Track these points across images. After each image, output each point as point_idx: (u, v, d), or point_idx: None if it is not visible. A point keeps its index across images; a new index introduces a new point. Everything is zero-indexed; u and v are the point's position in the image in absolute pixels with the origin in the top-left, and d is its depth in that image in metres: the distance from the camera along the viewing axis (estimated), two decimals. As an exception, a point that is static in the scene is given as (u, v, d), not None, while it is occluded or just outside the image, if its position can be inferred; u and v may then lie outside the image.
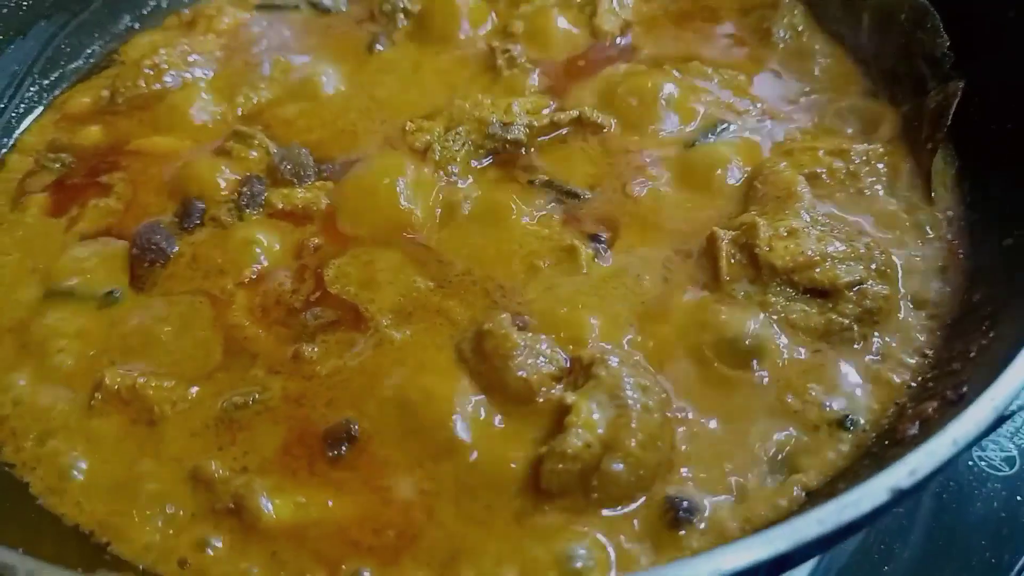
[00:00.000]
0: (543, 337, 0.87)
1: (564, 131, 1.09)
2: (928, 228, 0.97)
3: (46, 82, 1.20)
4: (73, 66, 1.23)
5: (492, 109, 1.09)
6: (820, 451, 0.81)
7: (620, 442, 0.78)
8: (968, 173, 1.01)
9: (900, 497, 0.58)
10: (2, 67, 1.15)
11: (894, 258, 0.93)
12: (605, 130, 1.10)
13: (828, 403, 0.84)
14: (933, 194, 1.00)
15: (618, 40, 1.24)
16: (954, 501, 0.99)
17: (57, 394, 0.88)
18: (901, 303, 0.91)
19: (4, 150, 1.14)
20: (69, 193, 1.07)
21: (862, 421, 0.83)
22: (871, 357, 0.87)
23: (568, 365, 0.85)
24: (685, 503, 0.77)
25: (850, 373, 0.86)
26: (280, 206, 1.03)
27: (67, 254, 1.00)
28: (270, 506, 0.78)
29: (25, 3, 1.17)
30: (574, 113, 1.10)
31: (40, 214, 1.06)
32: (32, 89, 1.18)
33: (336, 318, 0.92)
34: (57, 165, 1.10)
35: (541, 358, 0.85)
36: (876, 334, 0.88)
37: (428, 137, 1.08)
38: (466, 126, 1.08)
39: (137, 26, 1.29)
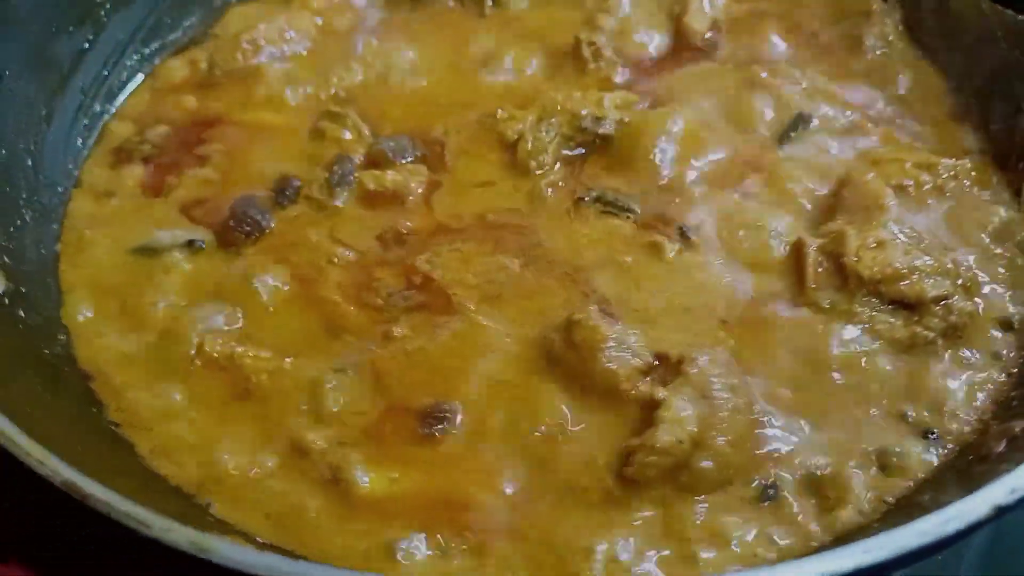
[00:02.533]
0: (631, 331, 0.89)
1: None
2: (1016, 247, 0.98)
3: (147, 51, 1.23)
4: (172, 37, 1.25)
5: (584, 102, 1.11)
6: (902, 462, 0.82)
7: (710, 440, 0.80)
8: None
9: (1000, 514, 0.60)
10: (109, 35, 1.17)
11: (979, 275, 0.94)
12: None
13: (910, 414, 0.85)
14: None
15: (707, 36, 1.24)
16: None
17: (156, 353, 0.92)
18: (986, 320, 0.92)
19: (107, 116, 1.17)
20: (167, 163, 1.10)
21: (945, 435, 0.84)
22: (955, 372, 0.88)
23: (655, 360, 0.87)
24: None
25: (934, 387, 0.87)
26: (371, 187, 1.05)
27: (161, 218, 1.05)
28: (366, 479, 0.81)
29: (129, -26, 1.19)
30: (665, 110, 1.11)
31: (137, 183, 1.09)
32: (134, 58, 1.21)
33: (425, 300, 0.95)
34: (153, 136, 1.13)
35: (629, 352, 0.87)
36: (961, 349, 0.89)
37: (520, 126, 1.10)
38: (558, 118, 1.10)
39: (234, 0, 1.31)
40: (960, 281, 0.92)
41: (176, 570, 0.67)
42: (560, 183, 1.06)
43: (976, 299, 0.92)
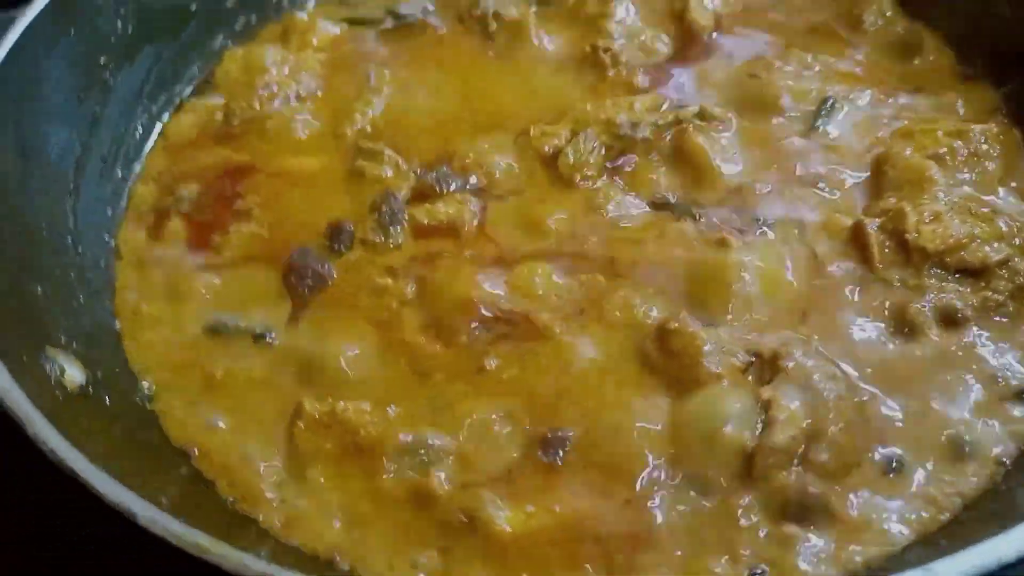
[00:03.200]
0: (723, 332, 0.91)
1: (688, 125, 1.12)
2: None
3: (155, 108, 1.19)
4: (177, 89, 1.22)
5: (615, 110, 1.12)
6: (1006, 425, 0.86)
7: (822, 432, 0.83)
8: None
9: None
10: (117, 96, 1.13)
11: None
12: (725, 123, 1.13)
13: (1000, 377, 0.89)
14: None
15: (713, 35, 1.27)
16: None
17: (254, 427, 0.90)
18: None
19: (130, 182, 1.13)
20: (206, 223, 1.07)
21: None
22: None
23: (751, 358, 0.89)
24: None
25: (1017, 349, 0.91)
26: (425, 221, 1.04)
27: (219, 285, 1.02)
28: (502, 516, 0.81)
29: (130, 28, 1.16)
30: (695, 108, 1.13)
31: (182, 246, 1.06)
32: (144, 116, 1.18)
33: (508, 330, 0.95)
34: (186, 195, 1.10)
35: (727, 353, 0.89)
36: (1030, 309, 0.94)
37: (556, 141, 1.11)
38: (595, 128, 1.10)
39: (231, 44, 1.28)
40: (1017, 241, 0.96)
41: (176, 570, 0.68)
42: (611, 191, 1.07)
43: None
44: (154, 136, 1.18)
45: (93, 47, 1.11)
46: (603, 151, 1.10)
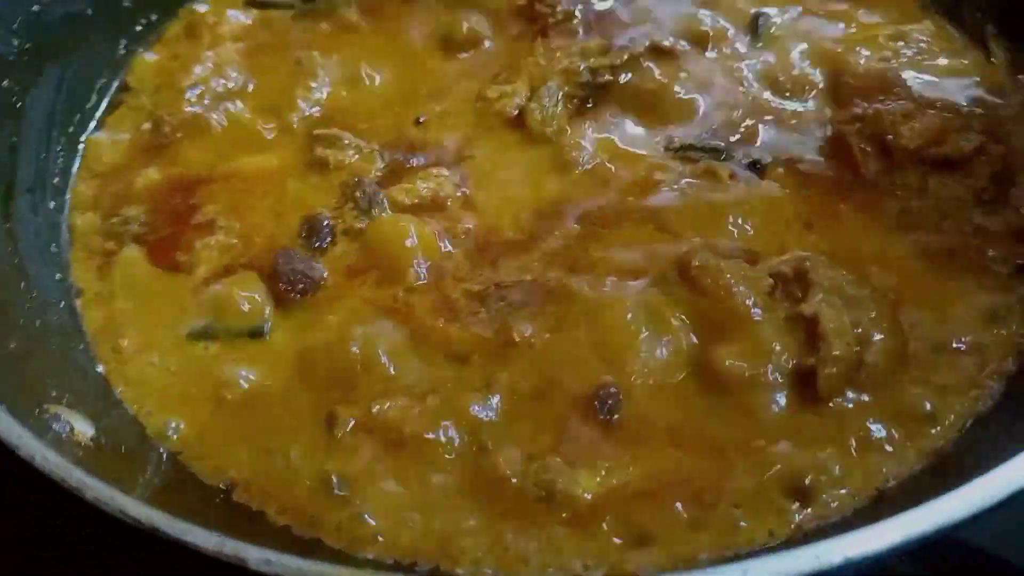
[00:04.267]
0: (739, 259, 0.90)
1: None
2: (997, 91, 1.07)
3: (71, 129, 1.08)
4: (89, 105, 1.11)
5: (569, 59, 1.09)
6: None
7: (870, 334, 0.84)
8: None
9: None
10: (30, 122, 1.02)
11: (994, 113, 1.02)
12: (678, 54, 1.12)
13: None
14: (993, 58, 1.10)
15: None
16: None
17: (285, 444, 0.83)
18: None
19: (65, 212, 1.02)
20: (165, 242, 0.98)
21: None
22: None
23: (772, 280, 0.89)
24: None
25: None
26: (406, 201, 0.99)
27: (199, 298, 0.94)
28: (578, 483, 0.78)
29: (27, 45, 1.04)
30: (646, 42, 1.12)
31: (144, 269, 0.97)
32: (63, 139, 1.06)
33: (525, 297, 0.91)
34: (133, 215, 1.00)
35: (753, 280, 0.88)
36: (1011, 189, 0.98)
37: (518, 100, 1.07)
38: (554, 81, 1.07)
39: (136, 48, 1.18)
40: (980, 125, 1.00)
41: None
42: (583, 140, 1.05)
43: (1002, 140, 1.00)
44: (78, 159, 1.07)
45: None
46: (567, 101, 1.07)
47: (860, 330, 0.83)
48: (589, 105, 1.08)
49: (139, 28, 1.19)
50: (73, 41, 1.10)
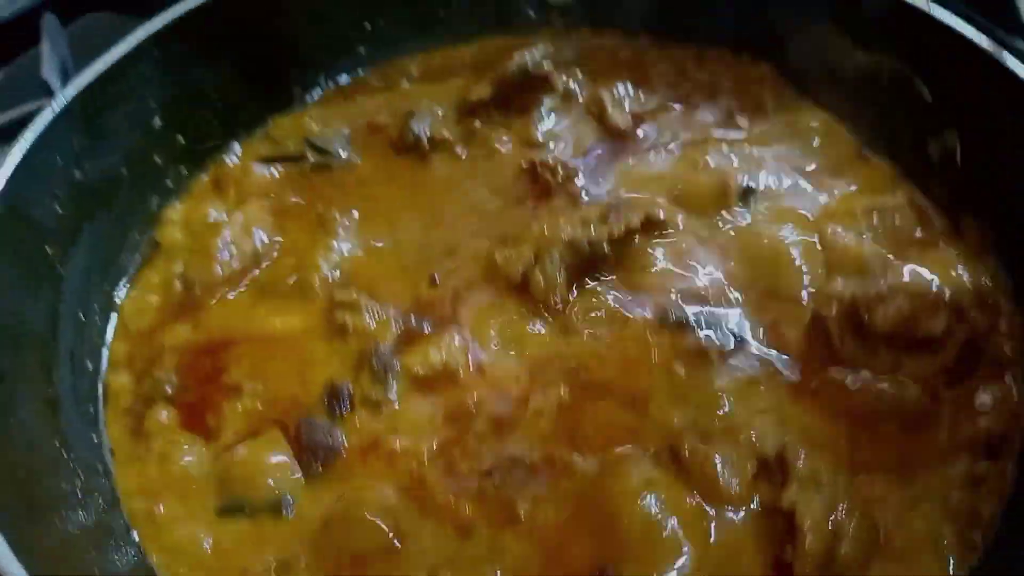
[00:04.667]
0: (726, 442, 0.99)
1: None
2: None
3: (107, 285, 1.16)
4: (123, 260, 1.19)
5: (571, 229, 1.18)
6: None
7: (846, 525, 0.92)
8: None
9: None
10: (70, 284, 1.10)
11: (963, 293, 1.11)
12: (672, 227, 1.21)
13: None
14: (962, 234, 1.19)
15: (638, 130, 1.35)
16: None
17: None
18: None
19: (102, 373, 1.10)
20: (196, 405, 1.06)
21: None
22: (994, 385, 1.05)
23: (758, 464, 0.98)
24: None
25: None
26: (420, 372, 1.07)
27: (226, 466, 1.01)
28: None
29: (68, 209, 1.12)
30: (640, 215, 1.20)
31: (176, 433, 1.04)
32: (99, 298, 1.14)
33: (527, 474, 0.99)
34: (164, 378, 1.08)
35: (738, 466, 0.97)
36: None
37: (523, 265, 1.15)
38: (557, 249, 1.16)
39: (164, 203, 1.26)
40: (948, 306, 1.09)
41: None
42: (580, 307, 1.13)
43: (977, 317, 1.08)
44: (114, 318, 1.15)
45: (37, 241, 1.07)
46: (569, 268, 1.15)
47: (835, 517, 0.92)
48: (588, 276, 1.16)
49: (169, 182, 1.27)
50: (108, 200, 1.18)
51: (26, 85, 1.72)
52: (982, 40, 1.13)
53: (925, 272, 1.14)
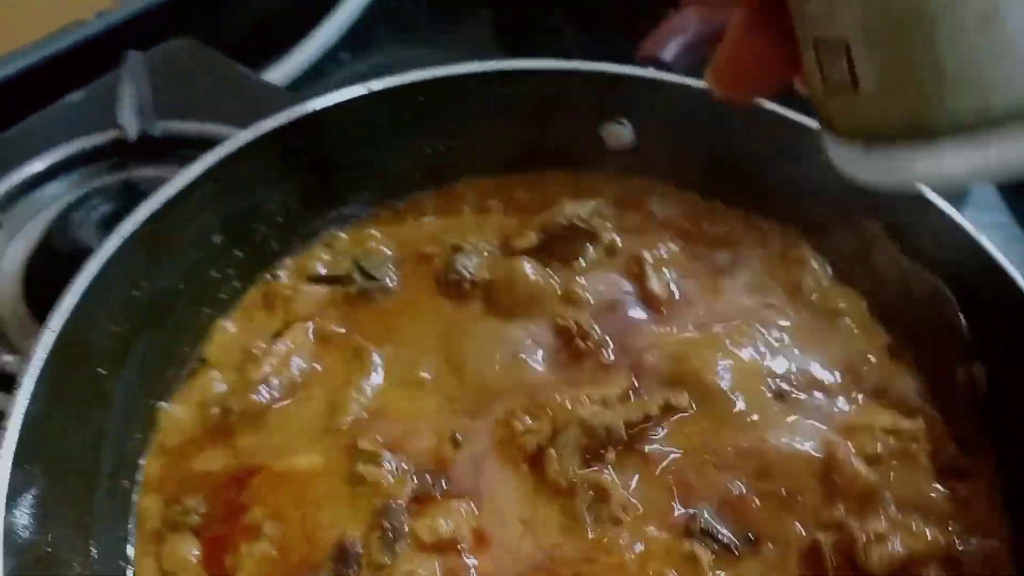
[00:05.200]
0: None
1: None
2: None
3: (150, 401, 1.22)
4: (168, 375, 1.25)
5: (591, 409, 1.22)
6: None
7: None
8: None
9: None
10: (118, 403, 1.16)
11: (966, 548, 1.14)
12: (685, 413, 1.25)
13: None
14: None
15: (671, 301, 1.38)
16: None
17: None
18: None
19: (135, 493, 1.17)
20: (218, 541, 1.13)
21: None
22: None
23: None
24: None
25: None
26: (427, 540, 1.12)
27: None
28: None
29: (123, 328, 1.19)
30: (659, 401, 1.24)
31: (197, 570, 1.11)
32: (140, 416, 1.20)
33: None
34: (193, 506, 1.15)
35: None
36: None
37: (539, 439, 1.20)
38: (574, 430, 1.20)
39: (215, 316, 1.32)
40: (947, 554, 1.12)
41: None
42: (590, 495, 1.18)
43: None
44: (152, 435, 1.22)
45: (91, 364, 1.14)
46: (582, 452, 1.20)
47: None
48: (601, 459, 1.20)
49: (222, 296, 1.33)
50: (163, 316, 1.25)
51: (104, 110, 1.81)
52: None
53: (930, 516, 1.17)
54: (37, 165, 1.76)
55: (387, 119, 1.41)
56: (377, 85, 1.38)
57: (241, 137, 1.30)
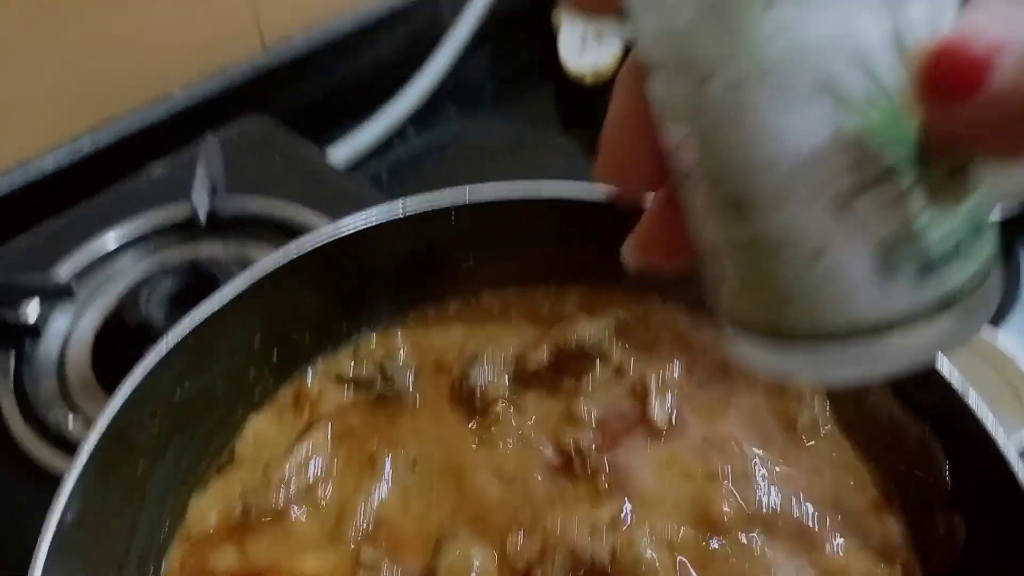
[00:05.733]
0: None
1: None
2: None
3: (182, 493, 1.35)
4: (200, 469, 1.39)
5: (580, 533, 1.31)
6: None
7: None
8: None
9: None
10: (151, 496, 1.30)
11: None
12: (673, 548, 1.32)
13: None
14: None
15: (672, 427, 1.46)
16: None
17: None
18: None
19: (158, 585, 1.30)
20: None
21: None
22: None
23: None
24: None
25: None
26: (408, 654, 1.23)
27: None
28: None
29: (162, 426, 1.32)
30: (647, 553, 1.32)
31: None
32: (172, 506, 1.34)
33: None
34: (210, 604, 1.28)
35: None
36: None
37: (528, 560, 1.30)
38: (562, 552, 1.29)
39: (248, 413, 1.45)
40: None
41: None
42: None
43: None
44: (179, 523, 1.35)
45: (131, 460, 1.28)
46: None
47: None
48: (584, 583, 1.29)
49: (256, 394, 1.46)
50: (201, 414, 1.38)
51: (180, 184, 1.98)
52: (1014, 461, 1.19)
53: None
54: (112, 237, 1.93)
55: (420, 236, 1.52)
56: (412, 207, 1.49)
57: (285, 253, 1.43)
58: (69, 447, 1.30)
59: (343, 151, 2.33)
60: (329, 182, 2.10)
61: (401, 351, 1.54)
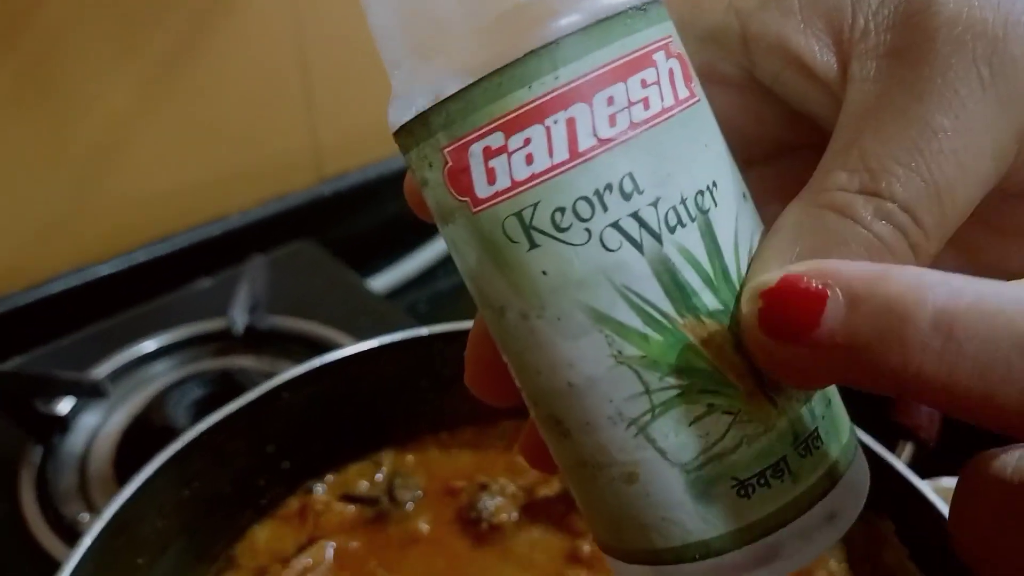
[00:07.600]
0: None
1: None
2: None
3: (182, 592, 1.36)
4: (200, 569, 1.39)
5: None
6: None
7: None
8: None
9: None
10: (150, 597, 1.31)
11: None
12: None
13: None
14: None
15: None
16: None
17: None
18: None
19: None
20: None
21: None
22: None
23: None
24: None
25: None
26: None
27: None
28: None
29: (167, 524, 1.34)
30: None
31: None
32: (168, 606, 1.34)
33: None
34: None
35: None
36: None
37: None
38: None
39: (253, 520, 1.46)
40: None
41: None
42: None
43: None
44: (174, 629, 1.35)
45: (131, 555, 1.29)
46: None
47: None
48: None
49: (263, 501, 1.48)
50: (206, 515, 1.40)
51: (222, 299, 2.05)
52: None
53: None
54: (152, 342, 2.00)
55: (441, 359, 1.56)
56: (435, 330, 1.54)
57: (307, 366, 1.47)
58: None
59: (384, 280, 2.42)
60: (366, 308, 2.16)
61: (413, 473, 1.55)
